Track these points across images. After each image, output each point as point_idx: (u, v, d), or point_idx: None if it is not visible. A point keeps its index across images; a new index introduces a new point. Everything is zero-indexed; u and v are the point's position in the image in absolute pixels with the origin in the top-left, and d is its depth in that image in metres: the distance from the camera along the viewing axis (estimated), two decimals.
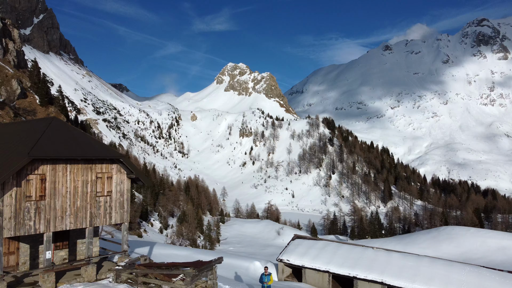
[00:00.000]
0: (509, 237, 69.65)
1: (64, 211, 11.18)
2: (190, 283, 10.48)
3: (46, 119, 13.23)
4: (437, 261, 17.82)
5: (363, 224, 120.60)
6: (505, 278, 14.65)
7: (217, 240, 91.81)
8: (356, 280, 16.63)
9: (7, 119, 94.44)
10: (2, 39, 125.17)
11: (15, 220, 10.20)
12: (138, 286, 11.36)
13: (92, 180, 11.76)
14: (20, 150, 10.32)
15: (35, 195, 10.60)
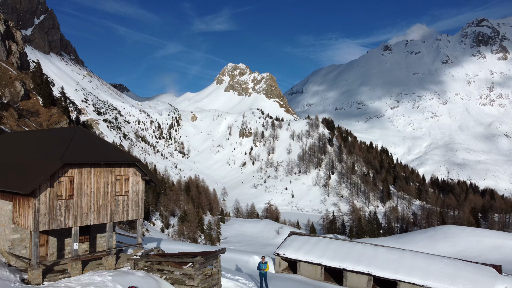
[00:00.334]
0: (504, 236, 71.33)
1: (88, 208, 12.91)
2: (198, 269, 12.24)
3: (71, 128, 14.95)
4: (419, 254, 19.56)
5: (361, 224, 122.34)
6: (478, 268, 16.33)
7: (218, 239, 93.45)
8: (346, 272, 18.36)
9: (11, 120, 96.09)
10: (6, 41, 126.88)
11: (49, 216, 11.90)
12: (154, 272, 13.13)
13: (112, 182, 13.50)
14: (53, 156, 12.01)
15: (65, 195, 12.28)
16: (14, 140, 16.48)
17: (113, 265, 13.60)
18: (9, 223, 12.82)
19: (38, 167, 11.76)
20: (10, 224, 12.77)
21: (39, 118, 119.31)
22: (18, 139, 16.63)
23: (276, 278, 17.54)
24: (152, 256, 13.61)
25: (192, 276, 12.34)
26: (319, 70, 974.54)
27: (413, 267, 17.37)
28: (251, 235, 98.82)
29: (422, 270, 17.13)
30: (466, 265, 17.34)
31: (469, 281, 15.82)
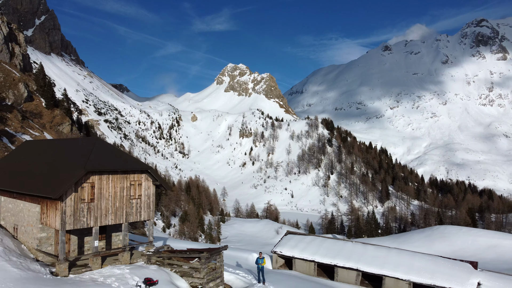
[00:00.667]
0: (499, 236, 72.81)
1: (107, 210, 14.58)
2: (204, 264, 13.96)
3: (91, 138, 16.69)
4: (403, 252, 21.29)
5: (359, 224, 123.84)
6: (455, 264, 18.01)
7: (218, 239, 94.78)
8: (337, 268, 20.06)
9: (15, 122, 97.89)
10: (9, 44, 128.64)
11: (74, 217, 13.57)
12: (165, 266, 14.84)
13: (127, 187, 15.17)
14: (77, 164, 13.70)
15: (87, 198, 13.96)
16: (36, 147, 18.21)
17: (128, 260, 15.32)
18: (37, 223, 14.51)
19: (64, 175, 13.45)
20: (38, 224, 14.46)
21: (42, 120, 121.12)
22: (39, 147, 18.35)
23: (274, 274, 19.27)
24: (163, 252, 15.38)
25: (199, 270, 14.12)
26: (319, 70, 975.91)
27: (397, 264, 19.10)
28: (251, 234, 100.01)
29: (405, 266, 18.86)
30: (445, 261, 19.06)
31: (447, 276, 17.53)
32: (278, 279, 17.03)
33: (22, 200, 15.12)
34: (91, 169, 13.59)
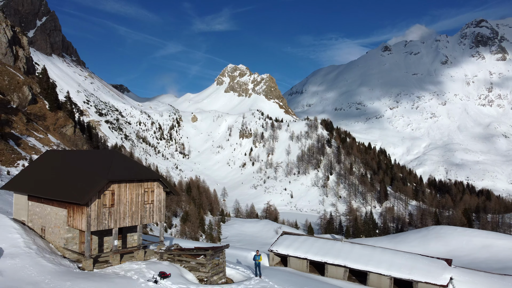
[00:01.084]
0: (493, 236, 74.81)
1: (125, 214, 16.75)
2: (209, 260, 16.18)
3: (110, 151, 18.91)
4: (386, 250, 23.52)
5: (357, 224, 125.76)
6: (432, 261, 20.19)
7: (218, 239, 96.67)
8: (327, 265, 22.27)
9: (20, 124, 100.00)
10: (13, 47, 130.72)
11: (97, 220, 15.76)
12: (175, 262, 17.05)
13: (141, 193, 17.36)
14: (100, 174, 15.90)
15: (108, 204, 16.14)
16: (58, 157, 20.40)
17: (142, 257, 17.50)
18: (64, 225, 16.67)
19: (89, 183, 15.62)
20: (65, 226, 16.61)
21: (46, 122, 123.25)
22: (61, 156, 20.53)
23: (270, 270, 21.46)
24: (174, 250, 17.60)
25: (204, 265, 16.32)
26: (319, 70, 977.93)
27: (380, 261, 21.30)
28: (250, 234, 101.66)
29: (387, 263, 21.07)
30: (423, 259, 21.28)
31: (423, 271, 19.75)
32: (273, 274, 19.22)
33: (50, 204, 17.31)
34: (112, 179, 15.78)
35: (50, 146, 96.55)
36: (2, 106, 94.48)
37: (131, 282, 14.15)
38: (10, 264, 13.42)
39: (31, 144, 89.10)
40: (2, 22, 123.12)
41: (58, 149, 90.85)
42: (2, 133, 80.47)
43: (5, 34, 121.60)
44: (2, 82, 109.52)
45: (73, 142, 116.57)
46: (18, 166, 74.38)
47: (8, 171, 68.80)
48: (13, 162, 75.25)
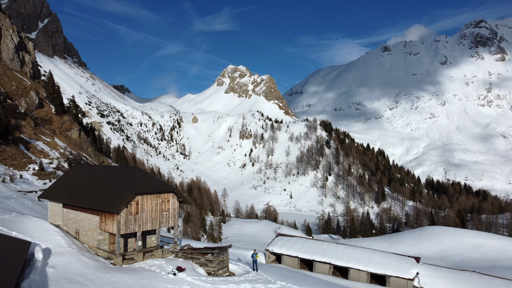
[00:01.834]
0: (484, 236, 78.30)
1: (146, 220, 20.38)
2: (216, 257, 19.85)
3: (132, 167, 22.58)
4: (365, 249, 27.22)
5: (354, 224, 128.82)
6: (403, 259, 23.80)
7: (219, 239, 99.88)
8: (315, 262, 25.87)
9: (28, 129, 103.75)
10: (19, 52, 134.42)
11: (125, 225, 19.38)
12: (188, 259, 20.68)
13: (160, 203, 20.98)
14: (127, 188, 19.53)
15: (133, 212, 19.75)
16: (85, 170, 24.02)
17: (160, 255, 21.14)
18: (96, 229, 20.29)
19: (119, 195, 19.20)
20: (97, 229, 20.22)
21: (52, 126, 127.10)
22: (88, 169, 24.16)
23: (266, 266, 25.11)
24: (186, 249, 21.28)
25: (212, 261, 19.97)
26: (319, 71, 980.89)
27: (360, 259, 24.95)
28: (250, 235, 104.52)
29: (365, 260, 24.71)
30: (396, 257, 24.92)
31: (395, 267, 23.41)
32: (268, 269, 22.83)
33: (83, 212, 20.91)
34: (137, 192, 19.41)
35: (57, 150, 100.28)
36: (11, 111, 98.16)
37: (155, 275, 17.80)
38: (60, 260, 17.04)
39: (39, 148, 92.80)
40: (9, 28, 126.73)
41: (70, 155, 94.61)
42: (13, 138, 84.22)
43: (12, 40, 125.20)
44: (10, 87, 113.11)
45: (79, 145, 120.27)
46: (29, 170, 78.07)
47: (21, 175, 72.55)
48: (24, 166, 78.99)
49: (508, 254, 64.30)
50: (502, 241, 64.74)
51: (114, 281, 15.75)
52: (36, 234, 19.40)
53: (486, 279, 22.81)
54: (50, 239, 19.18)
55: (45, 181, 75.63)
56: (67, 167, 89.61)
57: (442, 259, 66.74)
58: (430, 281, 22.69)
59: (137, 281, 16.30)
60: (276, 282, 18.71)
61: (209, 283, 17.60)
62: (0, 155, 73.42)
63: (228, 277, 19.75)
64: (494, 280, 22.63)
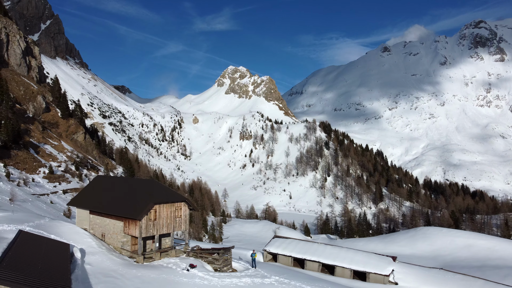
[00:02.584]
0: (475, 236, 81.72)
1: (163, 225, 24.12)
2: (221, 256, 23.68)
3: (150, 180, 26.39)
4: (350, 250, 31.08)
5: (351, 225, 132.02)
6: (381, 258, 27.55)
7: (220, 239, 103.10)
8: (306, 261, 29.63)
9: (37, 133, 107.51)
10: (26, 57, 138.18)
11: (146, 229, 23.12)
12: (198, 258, 24.47)
13: (173, 210, 24.72)
14: (146, 198, 23.26)
15: (152, 218, 23.49)
16: (106, 181, 27.80)
17: (174, 254, 24.92)
18: (121, 232, 24.04)
19: (141, 204, 22.88)
20: (121, 233, 23.96)
21: (59, 129, 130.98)
22: (109, 181, 27.94)
23: (263, 264, 28.90)
24: (196, 249, 25.11)
25: (218, 260, 23.74)
26: (319, 71, 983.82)
27: (344, 258, 28.76)
28: (250, 235, 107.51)
29: (349, 259, 28.54)
30: (375, 256, 28.73)
31: (374, 265, 27.19)
32: (265, 266, 26.61)
33: (108, 218, 24.67)
34: (155, 202, 23.21)
35: (65, 153, 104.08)
36: (20, 116, 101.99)
37: (172, 270, 21.57)
38: (94, 259, 20.82)
39: (48, 152, 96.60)
40: (16, 34, 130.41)
41: (77, 158, 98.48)
42: (24, 143, 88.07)
43: (19, 45, 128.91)
44: (18, 92, 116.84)
45: (84, 148, 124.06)
46: (39, 173, 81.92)
47: (33, 178, 76.43)
48: (35, 170, 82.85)
49: (498, 253, 66.84)
50: (492, 241, 67.67)
51: (140, 276, 19.55)
52: (70, 237, 23.23)
53: (450, 275, 26.61)
54: (82, 241, 22.98)
55: (55, 184, 79.43)
56: (74, 170, 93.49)
57: (434, 259, 69.59)
58: (403, 277, 26.51)
59: (158, 275, 20.10)
60: (271, 277, 22.57)
61: (216, 277, 21.44)
62: (13, 159, 77.22)
63: (231, 273, 23.58)
64: (457, 276, 26.41)
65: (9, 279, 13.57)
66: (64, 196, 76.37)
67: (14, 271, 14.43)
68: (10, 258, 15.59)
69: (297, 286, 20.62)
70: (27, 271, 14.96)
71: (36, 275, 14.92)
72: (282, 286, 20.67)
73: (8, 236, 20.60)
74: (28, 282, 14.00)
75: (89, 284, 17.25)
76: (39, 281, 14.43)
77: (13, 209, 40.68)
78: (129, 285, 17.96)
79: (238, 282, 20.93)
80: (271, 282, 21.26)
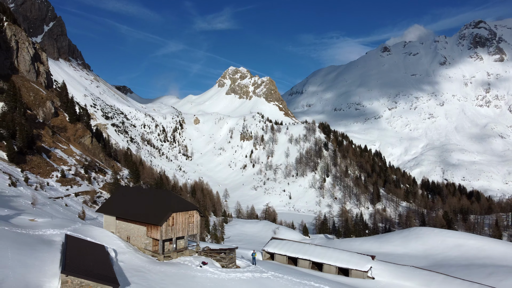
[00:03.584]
0: (465, 236, 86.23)
1: (179, 229, 29.02)
2: (227, 255, 28.71)
3: (167, 191, 31.41)
4: (336, 250, 36.13)
5: (348, 225, 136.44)
6: (361, 256, 32.51)
7: (222, 239, 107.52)
8: (298, 259, 34.60)
9: (47, 137, 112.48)
10: (35, 64, 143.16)
11: (165, 233, 28.03)
12: (208, 256, 29.43)
13: (187, 217, 29.62)
14: (166, 207, 28.18)
15: (171, 224, 28.37)
16: (128, 191, 32.77)
17: (188, 254, 29.83)
18: (144, 235, 28.94)
19: (161, 212, 27.78)
20: (145, 236, 28.87)
21: (67, 133, 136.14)
22: (131, 191, 32.90)
23: (262, 262, 33.83)
24: (206, 250, 30.11)
25: (225, 258, 28.66)
26: (319, 71, 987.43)
27: (331, 257, 33.73)
28: (251, 234, 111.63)
29: (335, 258, 33.52)
30: (357, 255, 33.74)
31: (355, 263, 32.13)
32: (263, 264, 31.52)
33: (133, 223, 29.58)
34: (173, 210, 28.18)
35: (74, 157, 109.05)
36: (31, 121, 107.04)
37: (188, 267, 26.51)
38: (125, 257, 25.76)
39: (58, 156, 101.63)
40: (25, 41, 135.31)
41: (85, 161, 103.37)
42: (37, 148, 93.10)
43: (28, 52, 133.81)
44: (28, 98, 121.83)
45: (91, 151, 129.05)
46: (52, 177, 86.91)
47: (48, 182, 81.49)
48: (49, 174, 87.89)
49: (485, 253, 70.69)
50: (481, 241, 70.97)
51: (163, 271, 24.50)
52: (102, 239, 28.22)
53: (418, 271, 31.55)
54: (113, 243, 27.96)
55: (67, 187, 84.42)
56: (83, 173, 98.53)
57: (425, 258, 73.79)
58: (379, 272, 31.44)
59: (178, 270, 25.05)
60: (268, 272, 27.52)
61: (223, 272, 26.40)
62: (28, 164, 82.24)
63: (235, 269, 28.53)
64: (423, 272, 31.29)
65: (75, 271, 18.72)
66: (76, 199, 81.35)
67: (76, 266, 19.55)
68: (69, 256, 20.70)
69: (288, 280, 25.63)
70: (83, 265, 20.06)
71: (90, 268, 20.03)
72: (276, 279, 25.67)
73: (56, 239, 25.64)
74: (88, 273, 19.13)
75: (125, 277, 22.25)
76: (94, 273, 19.55)
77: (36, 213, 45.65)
78: (156, 278, 22.95)
79: (241, 276, 25.92)
80: (268, 276, 26.24)
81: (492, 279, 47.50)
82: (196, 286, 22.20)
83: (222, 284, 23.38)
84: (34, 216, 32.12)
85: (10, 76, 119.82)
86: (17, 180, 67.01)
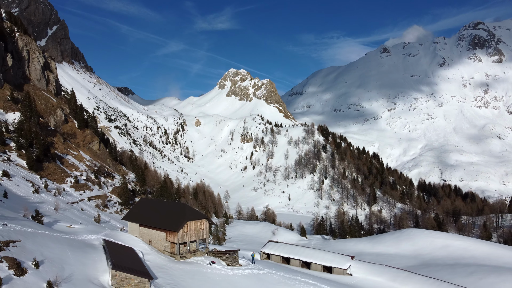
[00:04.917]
0: (452, 237, 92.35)
1: (192, 235, 35.36)
2: (232, 255, 35.24)
3: (181, 203, 37.95)
4: (322, 251, 42.75)
5: (344, 226, 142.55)
6: (342, 256, 39.08)
7: (223, 239, 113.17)
8: (290, 259, 41.21)
9: (59, 144, 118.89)
10: (45, 72, 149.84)
11: (181, 237, 34.32)
12: (216, 257, 35.90)
13: (198, 225, 36.03)
14: (182, 217, 34.59)
15: (185, 230, 34.73)
16: (149, 203, 39.28)
17: (199, 254, 36.24)
18: (163, 239, 35.36)
19: (178, 221, 34.21)
20: (164, 240, 35.33)
21: (77, 139, 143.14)
22: (151, 202, 39.42)
23: (260, 261, 40.37)
24: (215, 251, 36.71)
25: (229, 258, 35.12)
26: (319, 71, 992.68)
27: (317, 257, 40.27)
28: (251, 235, 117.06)
29: (321, 258, 40.07)
30: (339, 255, 40.37)
31: (337, 262, 38.64)
32: (261, 263, 37.98)
33: (154, 229, 36.00)
34: (188, 219, 34.70)
35: (84, 162, 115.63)
36: (44, 129, 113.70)
37: (200, 265, 33.01)
38: (150, 257, 32.24)
39: (70, 162, 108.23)
40: (36, 50, 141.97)
41: (95, 166, 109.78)
42: (51, 155, 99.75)
43: (39, 61, 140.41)
44: (40, 106, 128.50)
45: (100, 156, 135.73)
46: (67, 183, 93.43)
47: (63, 188, 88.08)
48: (63, 180, 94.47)
49: (471, 253, 76.11)
50: (468, 242, 75.75)
51: (181, 268, 31.02)
52: (130, 243, 34.76)
53: (388, 269, 38.07)
54: (139, 245, 34.50)
55: (80, 192, 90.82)
56: (94, 178, 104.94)
57: (415, 258, 79.81)
58: (356, 270, 37.94)
59: (192, 268, 31.58)
60: (264, 269, 33.99)
61: (229, 269, 32.93)
62: (45, 171, 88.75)
63: (238, 267, 35.01)
64: (392, 269, 37.73)
65: (121, 268, 25.32)
66: (90, 203, 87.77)
67: (120, 263, 26.14)
68: (113, 256, 27.28)
69: (280, 275, 32.17)
70: (124, 263, 26.63)
71: (129, 265, 26.61)
72: (271, 275, 32.21)
73: (95, 243, 32.26)
74: (129, 269, 25.73)
75: (153, 272, 28.77)
76: (133, 269, 26.14)
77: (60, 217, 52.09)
78: (177, 273, 29.50)
79: (243, 272, 32.45)
80: (264, 272, 32.75)
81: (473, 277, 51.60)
82: (208, 279, 28.73)
83: (228, 279, 29.91)
84: (69, 222, 38.64)
85: (23, 85, 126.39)
86: (39, 187, 73.51)
